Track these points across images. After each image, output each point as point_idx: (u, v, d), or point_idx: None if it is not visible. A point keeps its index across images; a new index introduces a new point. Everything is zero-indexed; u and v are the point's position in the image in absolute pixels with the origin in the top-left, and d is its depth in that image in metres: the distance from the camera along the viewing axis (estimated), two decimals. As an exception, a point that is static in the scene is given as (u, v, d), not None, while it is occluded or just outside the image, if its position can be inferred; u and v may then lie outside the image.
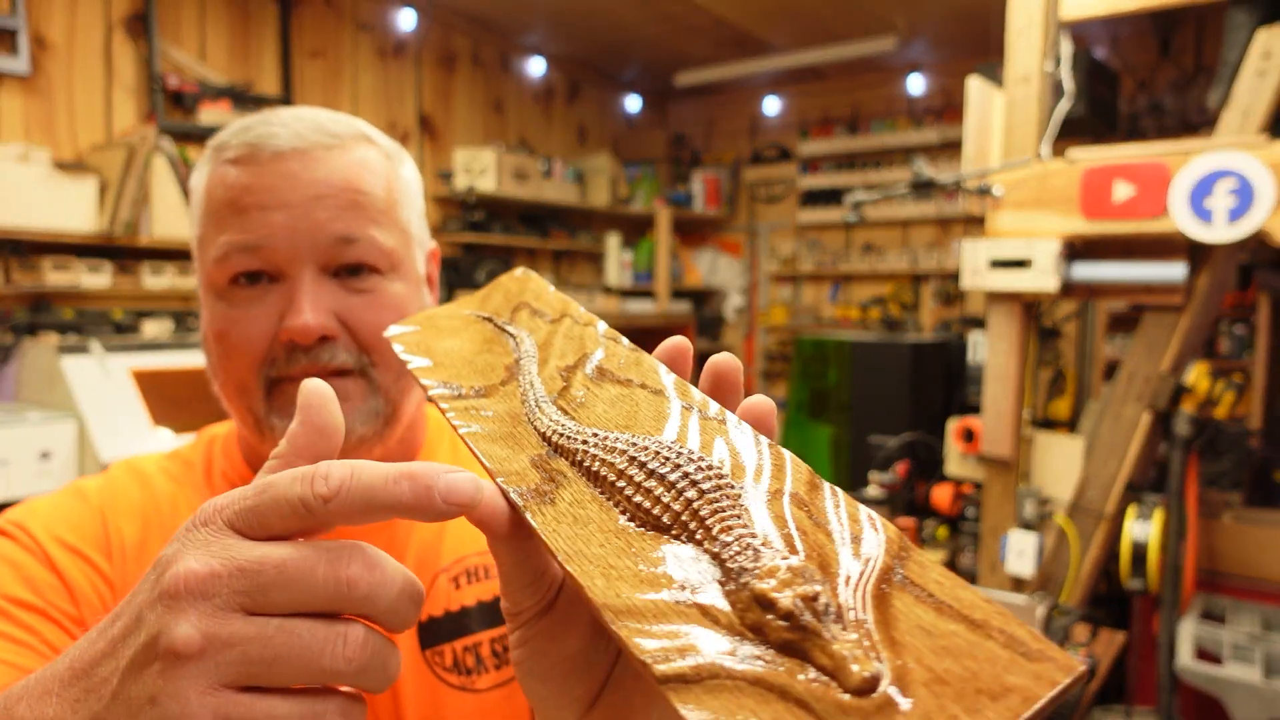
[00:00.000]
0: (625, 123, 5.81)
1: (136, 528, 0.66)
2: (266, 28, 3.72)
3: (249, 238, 0.62)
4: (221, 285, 0.64)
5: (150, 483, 0.70)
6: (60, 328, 2.81)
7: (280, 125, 0.64)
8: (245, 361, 0.64)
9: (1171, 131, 3.98)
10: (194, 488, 0.70)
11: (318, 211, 0.63)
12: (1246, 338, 3.76)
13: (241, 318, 0.63)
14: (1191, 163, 2.10)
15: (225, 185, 0.63)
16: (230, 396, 0.67)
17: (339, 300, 0.64)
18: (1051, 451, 2.44)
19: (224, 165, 0.64)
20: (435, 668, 0.66)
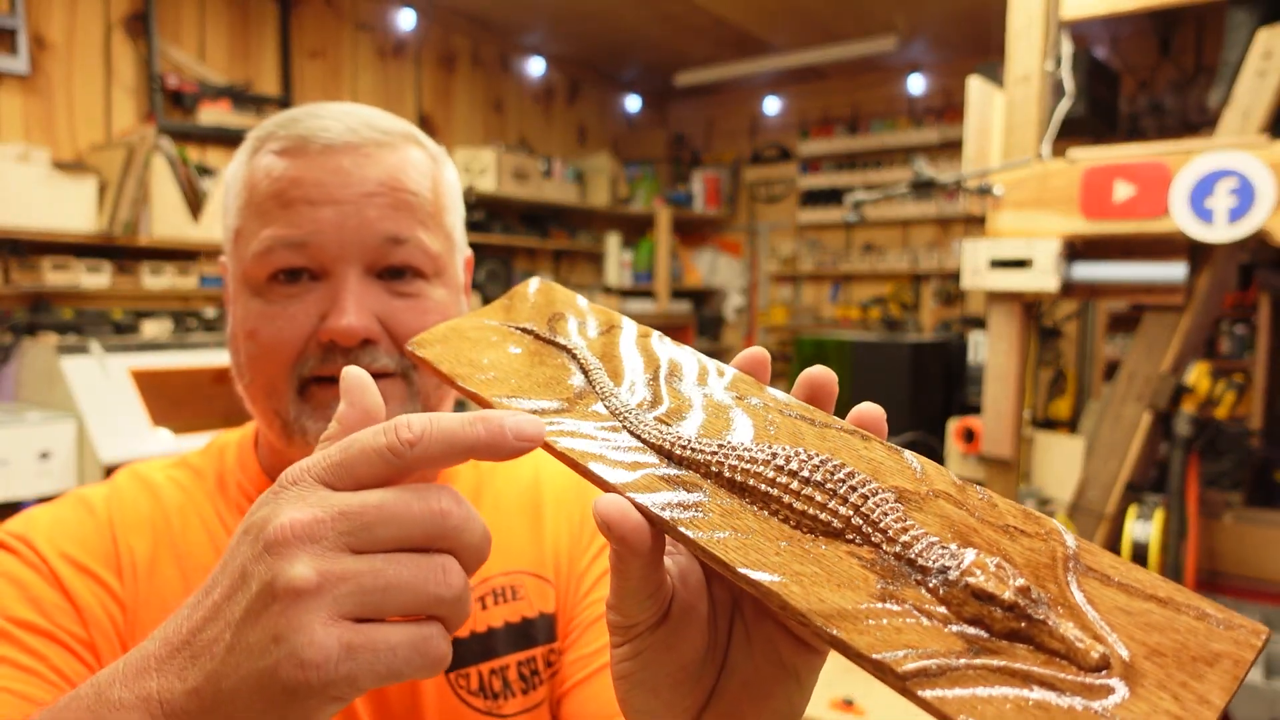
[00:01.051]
0: (625, 123, 5.80)
1: (147, 543, 0.63)
2: (266, 27, 3.72)
3: (296, 233, 0.59)
4: (259, 281, 0.61)
5: (159, 493, 0.66)
6: (60, 328, 2.81)
7: (331, 119, 0.62)
8: (278, 361, 0.60)
9: (1172, 131, 3.98)
10: (205, 497, 0.67)
11: (368, 210, 0.60)
12: (1247, 338, 3.76)
13: (279, 315, 0.60)
14: (1192, 162, 2.10)
15: (271, 177, 0.60)
16: (257, 398, 0.63)
17: (382, 303, 0.61)
18: (1052, 452, 2.44)
19: (270, 156, 0.61)
20: (460, 691, 0.63)
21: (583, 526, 0.72)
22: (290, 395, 0.61)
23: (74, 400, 2.57)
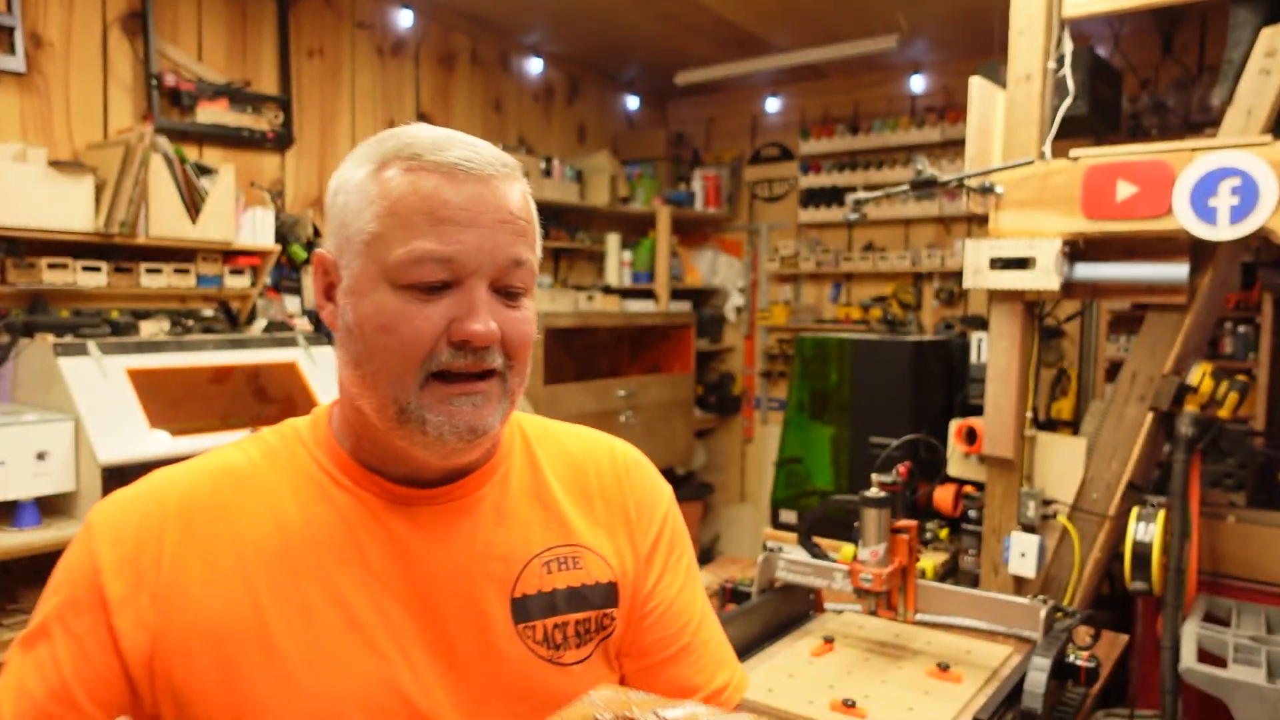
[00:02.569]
0: (625, 122, 5.79)
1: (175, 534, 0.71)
2: (264, 26, 3.71)
3: (446, 250, 0.68)
4: (402, 282, 0.69)
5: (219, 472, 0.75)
6: (57, 328, 2.80)
7: (470, 150, 0.71)
8: (410, 353, 0.68)
9: (1174, 131, 3.96)
10: (272, 470, 0.75)
11: (499, 234, 0.70)
12: (1250, 338, 3.74)
13: (416, 315, 0.68)
14: (1195, 162, 2.09)
15: (421, 195, 0.69)
16: (377, 384, 0.69)
17: (498, 312, 0.71)
18: (1054, 452, 2.42)
19: (420, 174, 0.69)
20: (527, 640, 0.74)
21: (638, 517, 0.84)
22: (414, 386, 0.69)
23: (72, 400, 2.56)
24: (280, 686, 0.66)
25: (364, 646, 0.69)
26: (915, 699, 1.53)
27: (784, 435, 3.38)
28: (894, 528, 1.66)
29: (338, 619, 0.69)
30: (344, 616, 0.69)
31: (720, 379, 5.64)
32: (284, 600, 0.68)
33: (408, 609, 0.71)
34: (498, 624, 0.74)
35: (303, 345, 3.25)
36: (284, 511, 0.72)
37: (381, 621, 0.70)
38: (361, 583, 0.70)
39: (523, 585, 0.75)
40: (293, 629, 0.68)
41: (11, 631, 2.39)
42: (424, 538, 0.73)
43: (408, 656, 0.70)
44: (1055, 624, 1.68)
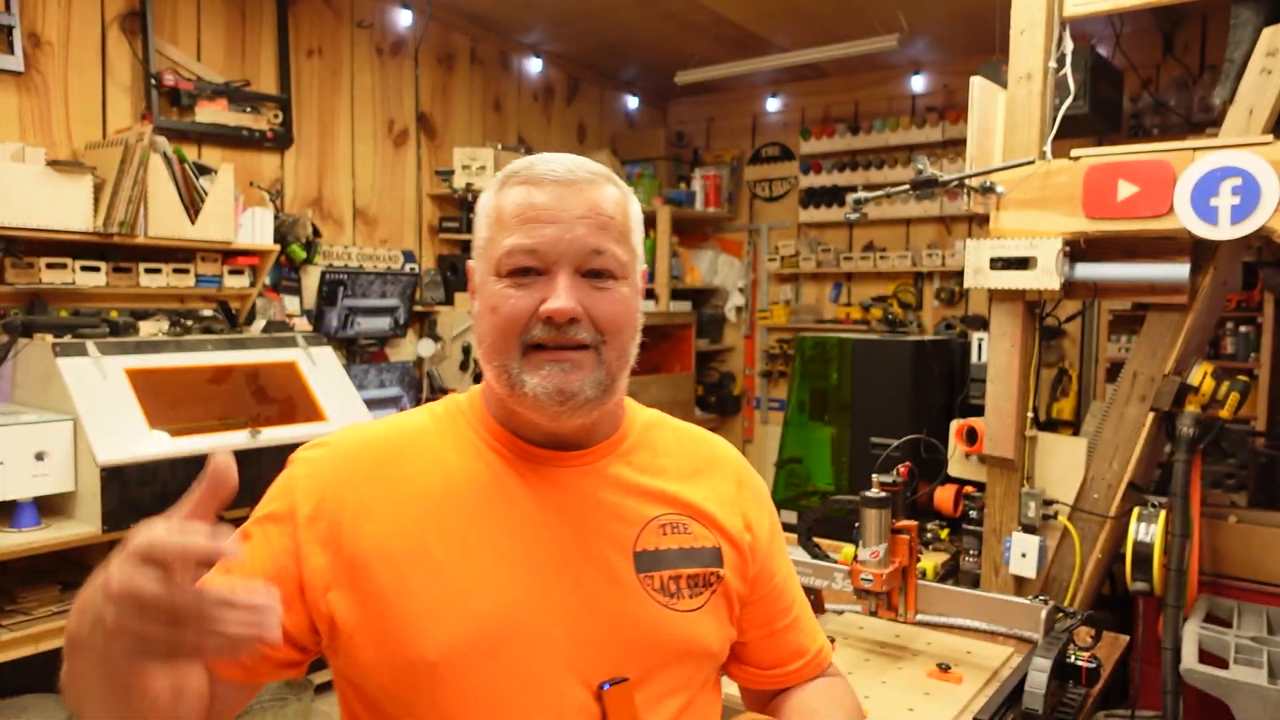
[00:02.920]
0: (625, 121, 5.79)
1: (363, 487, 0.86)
2: (264, 25, 3.70)
3: (530, 243, 0.83)
4: (503, 272, 0.84)
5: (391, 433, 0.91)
6: (56, 328, 2.79)
7: (557, 163, 0.87)
8: (510, 328, 0.83)
9: (1175, 130, 3.96)
10: (438, 435, 0.90)
11: (579, 228, 0.84)
12: (1252, 338, 3.74)
13: (512, 297, 0.83)
14: (1196, 161, 2.08)
15: (514, 202, 0.85)
16: (492, 357, 0.85)
17: (585, 294, 0.84)
18: (1054, 452, 2.42)
19: (514, 186, 0.86)
20: (647, 588, 0.86)
21: (756, 506, 1.00)
22: (515, 355, 0.83)
23: (70, 400, 2.55)
24: (440, 600, 0.80)
25: (508, 577, 0.83)
26: (916, 699, 1.52)
27: (784, 435, 3.37)
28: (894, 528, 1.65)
29: (488, 553, 0.83)
30: (493, 551, 0.83)
31: (720, 379, 5.64)
32: (446, 534, 0.83)
33: (545, 551, 0.84)
34: (623, 572, 0.86)
35: (302, 345, 3.25)
36: (447, 465, 0.87)
37: (524, 558, 0.84)
38: (507, 526, 0.85)
39: (642, 542, 0.88)
40: (451, 557, 0.82)
41: (11, 632, 2.39)
42: (558, 493, 0.87)
43: (545, 589, 0.83)
44: (1056, 624, 1.68)
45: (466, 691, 0.79)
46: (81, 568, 2.92)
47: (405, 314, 4.03)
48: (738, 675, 1.02)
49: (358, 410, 3.20)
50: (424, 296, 4.24)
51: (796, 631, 1.02)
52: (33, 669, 2.64)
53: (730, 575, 0.92)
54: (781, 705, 0.99)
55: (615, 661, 0.83)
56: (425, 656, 0.78)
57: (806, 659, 1.01)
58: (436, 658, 0.79)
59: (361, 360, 3.95)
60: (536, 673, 0.81)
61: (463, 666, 0.79)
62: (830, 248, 5.18)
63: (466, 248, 4.54)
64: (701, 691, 0.91)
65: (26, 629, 2.41)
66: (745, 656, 0.99)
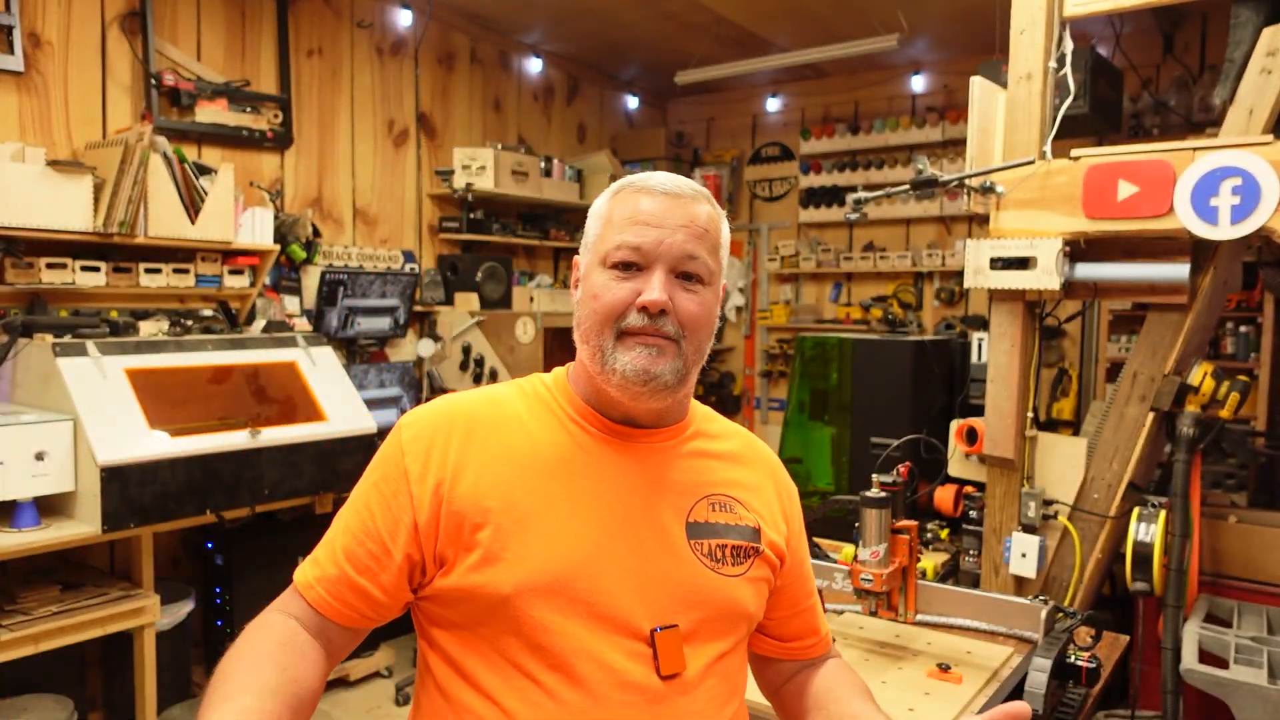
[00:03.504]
0: (625, 121, 5.79)
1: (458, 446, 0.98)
2: (264, 26, 3.70)
3: (636, 241, 0.96)
4: (609, 264, 0.97)
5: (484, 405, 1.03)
6: (56, 328, 2.79)
7: (668, 180, 1.00)
8: (608, 313, 0.96)
9: (1176, 130, 3.96)
10: (525, 406, 1.03)
11: (677, 234, 0.97)
12: (1252, 338, 3.73)
13: (615, 286, 0.96)
14: (1196, 161, 2.08)
15: (627, 207, 0.98)
16: (589, 338, 0.98)
17: (675, 291, 0.96)
18: (1054, 452, 2.42)
19: (628, 194, 1.00)
20: (697, 553, 1.00)
21: (789, 501, 1.14)
22: (611, 337, 0.96)
23: (70, 400, 2.55)
24: (519, 546, 0.93)
25: (579, 531, 0.95)
26: (916, 699, 1.52)
27: (784, 435, 3.37)
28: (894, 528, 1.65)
29: (565, 509, 0.96)
30: (569, 508, 0.96)
31: (720, 379, 5.64)
32: (530, 491, 0.95)
33: (613, 513, 0.97)
34: (676, 537, 0.99)
35: (302, 345, 3.24)
36: (534, 433, 1.00)
37: (594, 517, 0.96)
38: (582, 489, 0.97)
39: (694, 514, 1.02)
40: (534, 510, 0.95)
41: (11, 632, 2.39)
42: (628, 465, 1.00)
43: (610, 544, 0.96)
44: (1056, 624, 1.68)
45: (535, 622, 0.91)
46: (82, 568, 2.92)
47: (405, 314, 4.03)
48: (759, 645, 1.16)
49: (358, 410, 3.20)
50: (424, 296, 4.24)
51: (813, 614, 1.18)
52: (33, 669, 2.64)
53: (767, 554, 1.06)
54: (806, 688, 1.13)
55: (666, 610, 0.96)
56: (500, 590, 0.91)
57: (819, 637, 1.18)
58: (510, 591, 0.91)
59: (361, 360, 3.95)
60: (597, 613, 0.93)
61: (532, 600, 0.91)
62: (830, 248, 5.18)
63: (467, 247, 4.54)
64: (735, 649, 1.03)
65: (26, 629, 2.41)
66: (770, 630, 1.14)
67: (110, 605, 2.62)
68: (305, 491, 3.00)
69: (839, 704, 1.08)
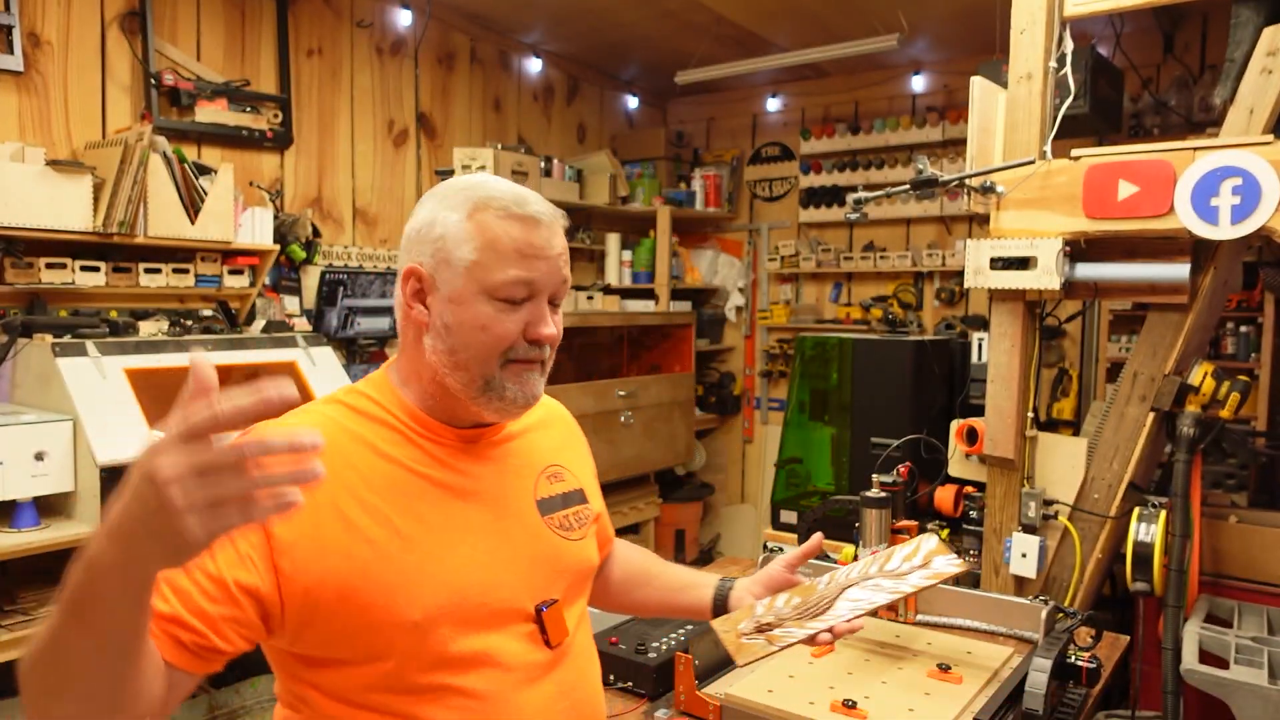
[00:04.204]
0: (625, 121, 5.79)
1: None
2: (263, 25, 3.70)
3: (529, 276, 0.98)
4: (497, 296, 0.97)
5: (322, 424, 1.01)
6: (55, 328, 2.79)
7: (539, 205, 1.01)
8: (498, 345, 0.98)
9: (1176, 130, 3.96)
10: (358, 424, 1.02)
11: (559, 264, 1.01)
12: (1253, 338, 3.73)
13: (504, 319, 0.98)
14: (1196, 161, 2.08)
15: (511, 237, 0.98)
16: (469, 366, 0.99)
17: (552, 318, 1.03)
18: (1055, 453, 2.42)
19: (509, 221, 0.98)
20: (551, 527, 1.10)
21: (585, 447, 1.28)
22: (496, 367, 0.99)
23: (70, 400, 2.55)
24: (415, 570, 0.95)
25: (461, 541, 1.00)
26: (916, 700, 1.52)
27: (784, 435, 3.37)
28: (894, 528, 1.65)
29: (441, 523, 0.99)
30: (444, 522, 1.00)
31: (720, 379, 5.64)
32: (404, 513, 0.97)
33: (482, 515, 1.03)
34: (532, 518, 1.08)
35: (302, 345, 3.24)
36: (384, 452, 1.00)
37: (465, 522, 1.02)
38: (449, 498, 1.02)
39: (539, 492, 1.11)
40: (415, 531, 0.97)
41: (11, 632, 2.39)
42: (479, 465, 1.06)
43: (489, 545, 1.02)
44: (1056, 625, 1.68)
45: (442, 639, 0.96)
46: (81, 568, 2.92)
47: (405, 314, 4.02)
48: None
49: (357, 410, 3.20)
50: (424, 296, 4.24)
51: (606, 526, 1.30)
52: (32, 669, 2.64)
53: (595, 506, 1.20)
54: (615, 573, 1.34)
55: (543, 588, 1.05)
56: (410, 617, 0.93)
57: (609, 537, 1.33)
58: (420, 617, 0.94)
59: (361, 360, 3.95)
60: (492, 611, 1.00)
61: (440, 621, 0.95)
62: (830, 248, 5.18)
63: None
64: (584, 597, 1.16)
65: (26, 629, 2.41)
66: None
67: (110, 605, 2.62)
68: (305, 491, 3.00)
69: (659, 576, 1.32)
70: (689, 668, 1.50)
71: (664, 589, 1.31)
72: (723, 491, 5.73)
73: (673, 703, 1.53)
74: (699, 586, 1.28)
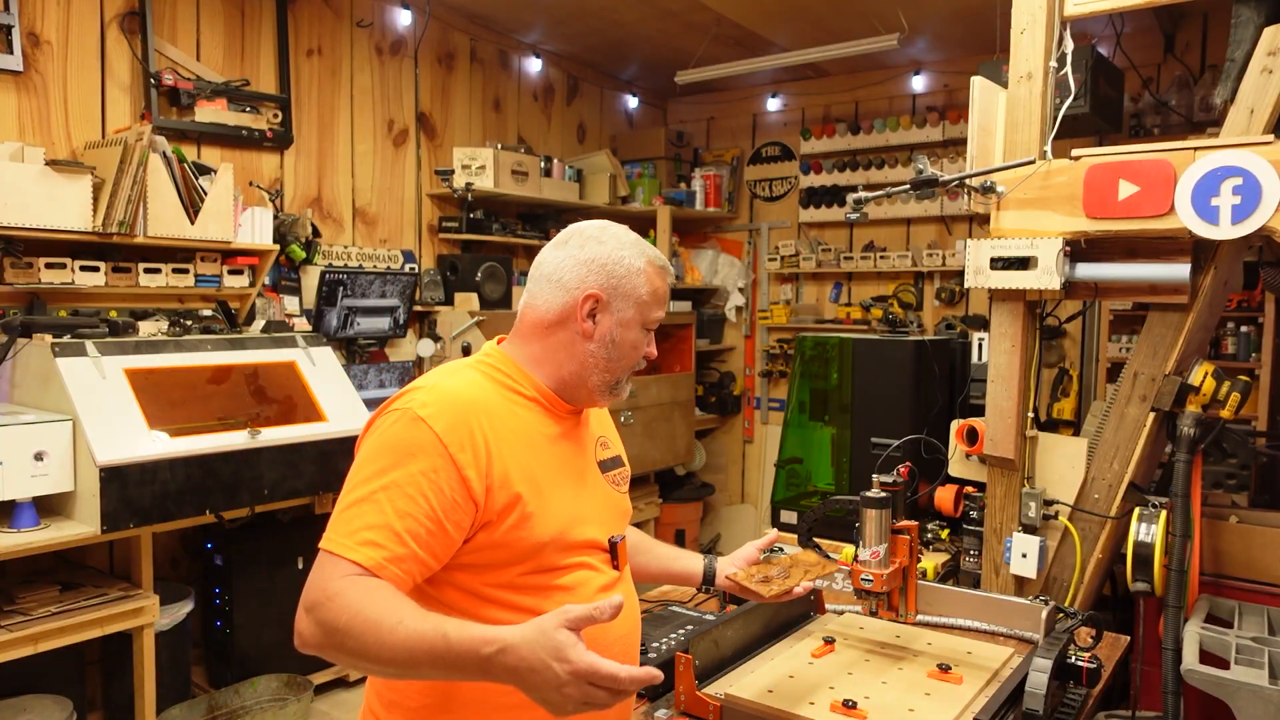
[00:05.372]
0: (625, 121, 5.79)
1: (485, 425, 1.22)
2: (263, 25, 3.70)
3: (663, 316, 1.35)
4: (648, 327, 1.32)
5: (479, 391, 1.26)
6: (55, 328, 2.79)
7: (667, 262, 1.37)
8: (636, 359, 1.33)
9: (1176, 130, 3.96)
10: (498, 393, 1.27)
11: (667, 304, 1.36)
12: (1254, 338, 3.73)
13: (645, 344, 1.33)
14: (1197, 161, 2.08)
15: (664, 289, 1.34)
16: (615, 371, 1.31)
17: None
18: (1055, 452, 2.41)
19: (662, 274, 1.34)
20: (610, 483, 1.39)
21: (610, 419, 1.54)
22: (628, 374, 1.34)
23: (70, 400, 2.55)
24: (554, 502, 1.24)
25: (570, 486, 1.29)
26: (916, 700, 1.52)
27: (784, 436, 3.37)
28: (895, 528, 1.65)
29: (558, 472, 1.27)
30: (560, 471, 1.28)
31: (720, 379, 5.64)
32: (542, 460, 1.25)
33: (578, 470, 1.33)
34: (598, 476, 1.38)
35: (301, 345, 3.24)
36: (523, 416, 1.27)
37: (575, 474, 1.32)
38: (562, 456, 1.30)
39: (596, 455, 1.40)
40: (550, 474, 1.25)
41: (11, 632, 2.39)
42: (574, 433, 1.35)
43: (582, 491, 1.31)
44: (1057, 625, 1.68)
45: (562, 553, 1.24)
46: (81, 568, 2.92)
47: (405, 314, 4.02)
48: None
49: (357, 410, 3.20)
50: (423, 296, 4.24)
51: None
52: (32, 669, 2.63)
53: (629, 470, 1.47)
54: None
55: (612, 526, 1.35)
56: (541, 538, 1.21)
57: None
58: (548, 539, 1.22)
59: (361, 360, 3.94)
60: (587, 539, 1.28)
61: (555, 542, 1.23)
62: (830, 248, 5.18)
63: (466, 247, 4.54)
64: None
65: (26, 629, 2.41)
66: None
67: (109, 605, 2.62)
68: (304, 492, 3.00)
69: (656, 548, 1.62)
70: (689, 668, 1.50)
71: (660, 558, 1.61)
72: (723, 491, 5.73)
73: (673, 703, 1.53)
74: (689, 558, 1.63)
